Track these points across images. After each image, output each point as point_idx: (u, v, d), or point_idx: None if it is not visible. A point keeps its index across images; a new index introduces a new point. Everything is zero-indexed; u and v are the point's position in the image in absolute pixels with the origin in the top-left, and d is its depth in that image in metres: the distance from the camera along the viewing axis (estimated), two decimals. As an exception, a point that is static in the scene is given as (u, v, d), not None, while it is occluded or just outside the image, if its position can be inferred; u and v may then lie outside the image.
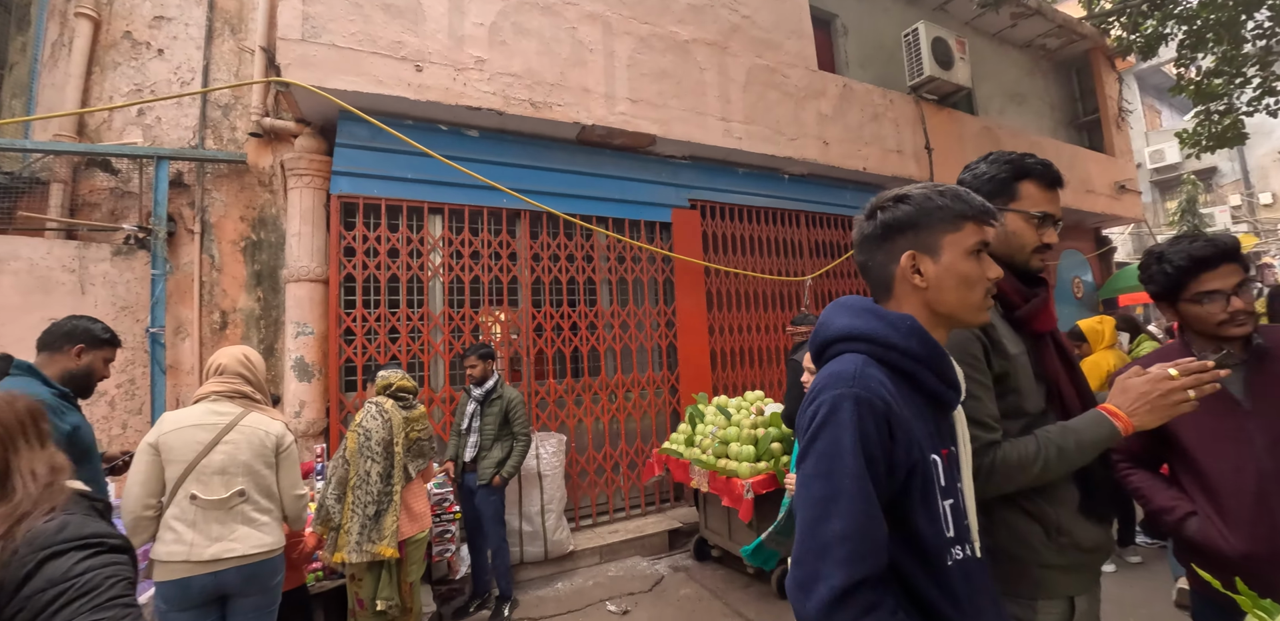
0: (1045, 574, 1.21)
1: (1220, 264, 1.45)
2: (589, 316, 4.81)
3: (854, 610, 0.78)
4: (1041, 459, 1.14)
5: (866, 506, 0.81)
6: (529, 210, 4.60)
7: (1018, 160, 1.35)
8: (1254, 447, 1.40)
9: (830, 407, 0.86)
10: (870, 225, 1.01)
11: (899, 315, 0.95)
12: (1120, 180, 9.16)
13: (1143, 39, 8.30)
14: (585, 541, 4.38)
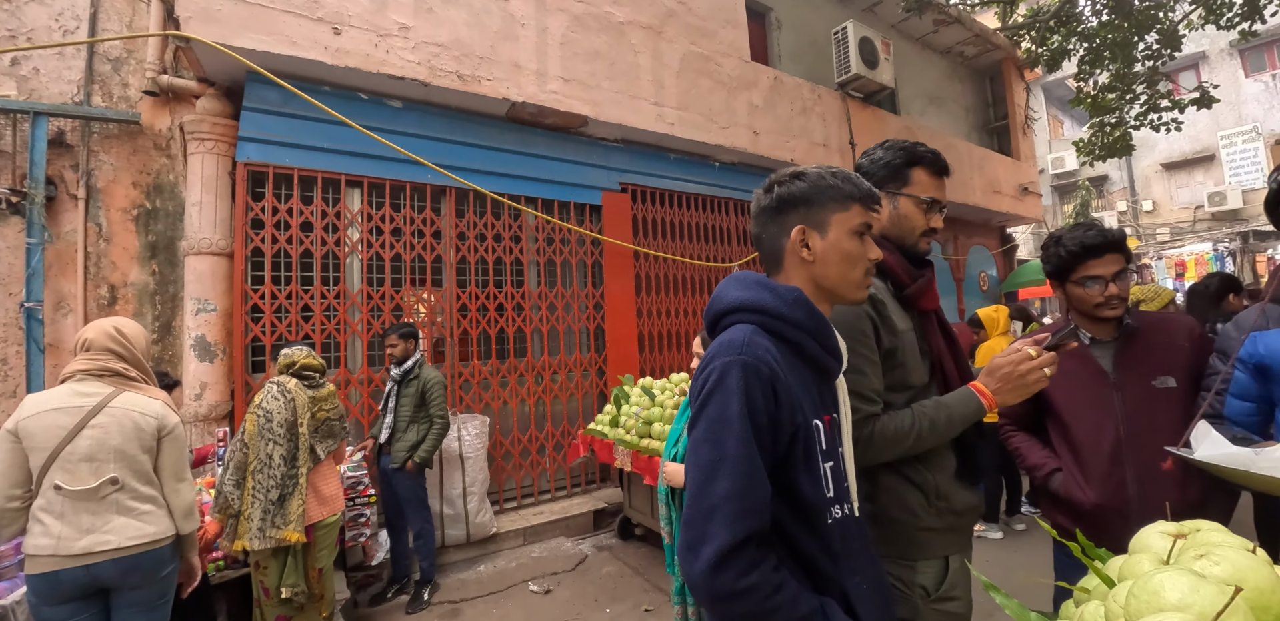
0: (924, 536, 1.31)
1: (1105, 253, 1.60)
2: (516, 297, 4.74)
3: (739, 567, 0.81)
4: (915, 431, 1.23)
5: (751, 468, 0.84)
6: (455, 187, 4.47)
7: (910, 148, 1.42)
8: (1115, 414, 1.58)
9: (719, 375, 0.90)
10: (767, 198, 1.06)
11: (787, 287, 1.00)
12: (1023, 183, 9.86)
13: (1048, 53, 8.94)
14: (509, 523, 4.35)
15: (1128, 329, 1.64)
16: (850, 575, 0.94)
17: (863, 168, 1.45)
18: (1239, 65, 16.07)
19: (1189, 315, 2.55)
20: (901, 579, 1.29)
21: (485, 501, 4.14)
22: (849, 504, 0.99)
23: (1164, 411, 1.55)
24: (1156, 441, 1.52)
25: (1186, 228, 17.27)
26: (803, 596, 0.85)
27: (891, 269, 1.37)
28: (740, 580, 0.80)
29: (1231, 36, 8.21)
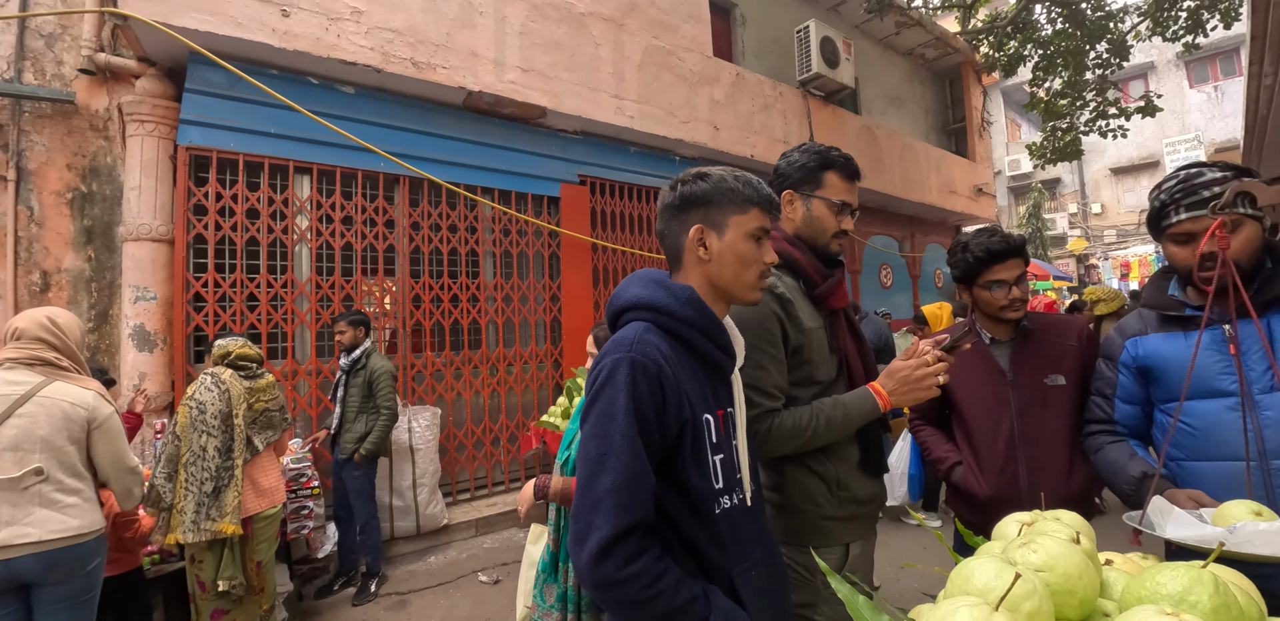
0: (826, 525, 1.37)
1: (1009, 258, 1.68)
2: (471, 288, 4.71)
3: (621, 557, 0.84)
4: (812, 427, 1.28)
5: (634, 461, 0.87)
6: (409, 176, 4.40)
7: (825, 152, 1.46)
8: (1010, 410, 1.68)
9: (609, 371, 0.92)
10: (671, 196, 1.07)
11: (680, 286, 1.03)
12: (978, 184, 10.15)
13: (1005, 58, 9.19)
14: (461, 515, 4.34)
15: (1024, 330, 1.73)
16: (738, 561, 0.99)
17: (780, 170, 1.49)
18: (1184, 76, 16.77)
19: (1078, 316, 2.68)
20: (804, 565, 1.35)
21: (436, 493, 4.13)
22: (740, 493, 1.03)
23: (1054, 407, 1.66)
24: (1047, 435, 1.64)
25: (1132, 230, 18.02)
26: (685, 584, 0.88)
27: (803, 268, 1.41)
28: (623, 569, 0.83)
29: (1177, 48, 8.55)
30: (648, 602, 0.84)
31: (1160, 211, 1.29)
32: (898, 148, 8.46)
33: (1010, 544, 0.69)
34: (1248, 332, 1.23)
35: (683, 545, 0.96)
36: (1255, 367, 1.21)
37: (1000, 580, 0.56)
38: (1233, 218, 1.20)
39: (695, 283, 1.07)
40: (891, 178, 8.23)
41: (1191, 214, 1.23)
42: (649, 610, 0.85)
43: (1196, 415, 1.27)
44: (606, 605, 0.88)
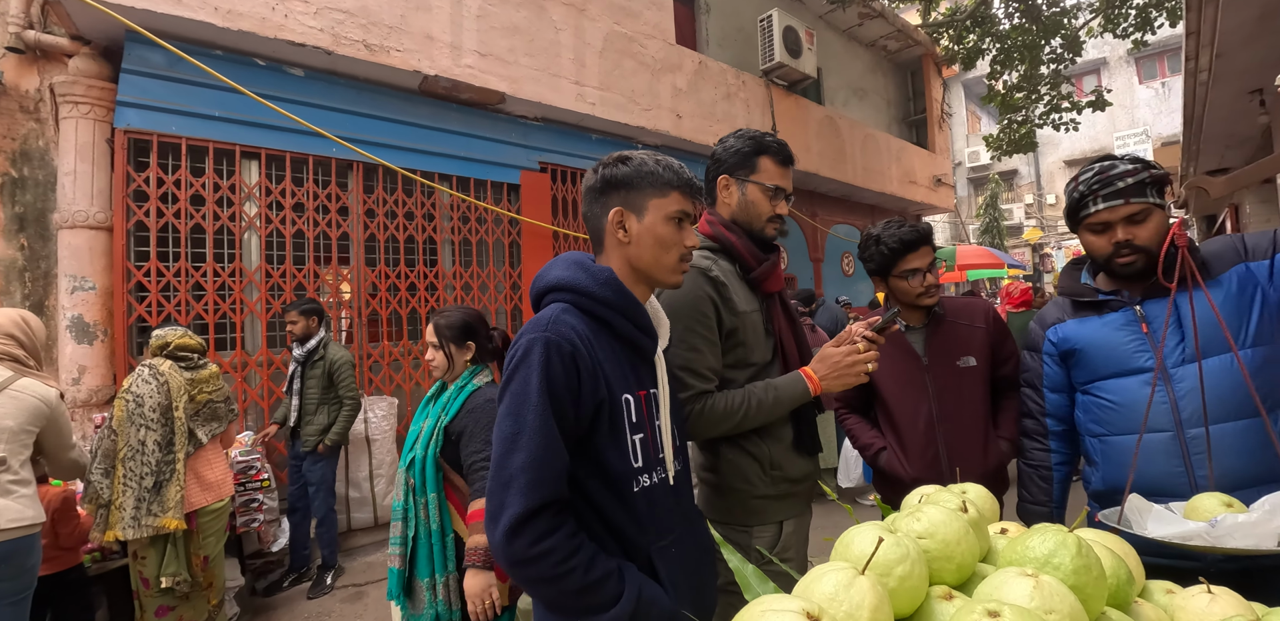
0: (760, 503, 1.40)
1: (920, 246, 1.73)
2: (429, 277, 4.64)
3: (533, 534, 0.85)
4: (743, 410, 1.31)
5: (547, 440, 0.88)
6: (363, 162, 4.30)
7: (759, 137, 1.47)
8: (928, 394, 1.74)
9: (524, 351, 0.93)
10: (594, 179, 1.08)
11: (600, 268, 1.04)
12: (937, 174, 10.36)
13: (965, 51, 9.37)
14: None
15: (936, 315, 1.79)
16: (657, 538, 1.01)
17: (716, 155, 1.49)
18: (1134, 72, 17.33)
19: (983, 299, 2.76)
20: (739, 544, 1.39)
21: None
22: (662, 472, 1.05)
23: (967, 388, 1.73)
24: (962, 416, 1.71)
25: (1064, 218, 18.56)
26: (599, 559, 0.90)
27: (739, 252, 1.43)
28: (534, 546, 0.85)
29: (1128, 45, 8.81)
30: (560, 578, 0.86)
31: (1079, 202, 1.34)
32: (860, 138, 8.57)
33: (900, 514, 0.73)
34: (1156, 312, 1.29)
35: (600, 522, 0.97)
36: (1168, 343, 1.27)
37: (873, 545, 0.59)
38: (1143, 207, 1.26)
39: (616, 265, 1.07)
40: (854, 167, 8.35)
41: (1108, 204, 1.28)
42: (562, 586, 0.87)
43: (1116, 391, 1.33)
44: (521, 581, 0.89)
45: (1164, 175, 1.27)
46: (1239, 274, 1.25)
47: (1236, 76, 4.22)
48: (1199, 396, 1.19)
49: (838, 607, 0.53)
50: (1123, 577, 0.67)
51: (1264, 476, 1.16)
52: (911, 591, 0.59)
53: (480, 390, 1.83)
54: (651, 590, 0.93)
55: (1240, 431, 1.20)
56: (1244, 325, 1.23)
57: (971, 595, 0.63)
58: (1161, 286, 1.27)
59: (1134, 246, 1.27)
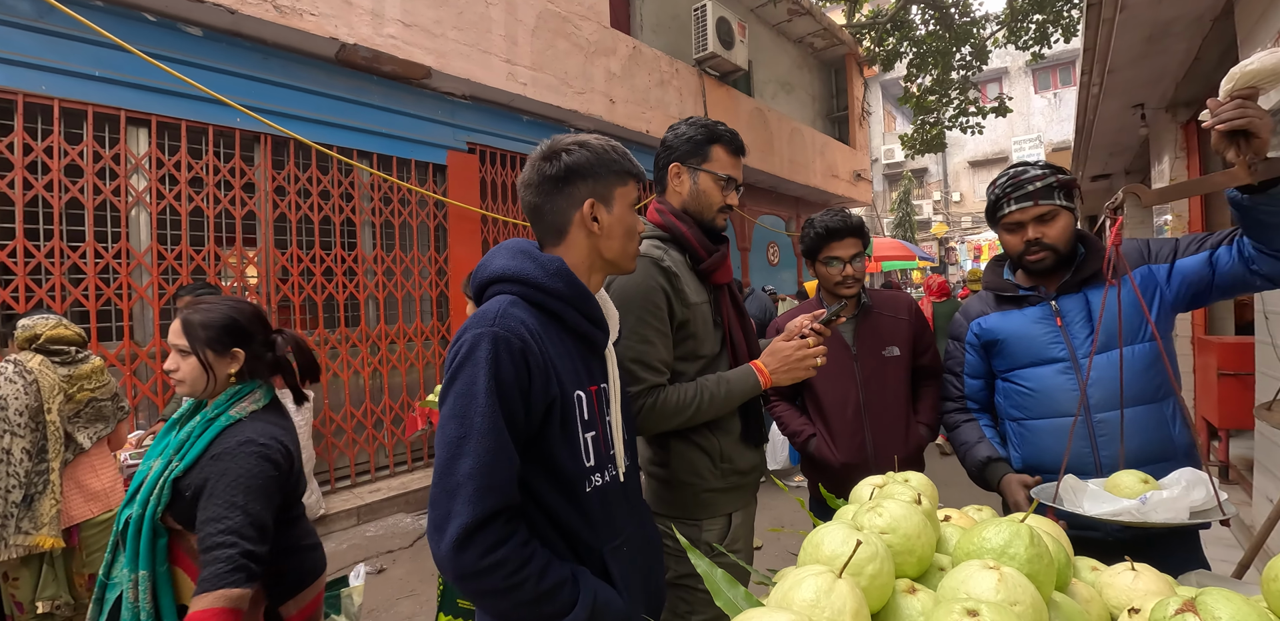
0: (709, 496, 1.40)
1: (846, 236, 1.81)
2: (347, 261, 4.36)
3: (484, 545, 0.80)
4: (696, 403, 1.30)
5: (497, 444, 0.83)
6: (271, 134, 3.96)
7: (712, 126, 1.45)
8: (856, 382, 1.82)
9: (469, 347, 0.87)
10: (552, 167, 1.00)
11: (549, 257, 0.98)
12: (857, 169, 10.82)
13: (884, 53, 9.80)
14: (341, 503, 4.10)
15: (864, 306, 1.88)
16: (609, 539, 0.98)
17: (667, 142, 1.46)
18: (1031, 83, 18.80)
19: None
20: (688, 537, 1.38)
21: (312, 482, 3.86)
22: (613, 470, 1.02)
23: (892, 376, 1.83)
24: (887, 403, 1.81)
25: (984, 217, 20.05)
26: (552, 567, 0.86)
27: (689, 242, 1.40)
28: (485, 557, 0.80)
29: (1027, 57, 9.51)
30: (513, 589, 0.82)
31: (995, 203, 1.43)
32: (787, 131, 8.79)
33: (860, 508, 0.74)
34: (1070, 306, 1.39)
35: (551, 525, 0.93)
36: (1078, 335, 1.37)
37: (846, 546, 0.59)
38: (1050, 208, 1.36)
39: (579, 256, 1.02)
40: (780, 160, 8.56)
41: (1019, 205, 1.37)
42: (515, 597, 0.82)
43: (1033, 379, 1.42)
44: (470, 595, 0.84)
45: (1070, 180, 1.37)
46: (1142, 274, 1.36)
47: (1123, 91, 4.63)
48: (1103, 384, 1.31)
49: (821, 614, 0.52)
50: (1062, 561, 0.71)
51: (1156, 455, 1.30)
52: (881, 588, 0.60)
53: (237, 426, 1.33)
54: (606, 594, 0.91)
55: (1134, 416, 1.30)
56: (1144, 322, 1.33)
57: (931, 586, 0.64)
58: (1075, 282, 1.39)
59: (1043, 244, 1.37)
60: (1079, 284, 1.39)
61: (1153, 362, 1.32)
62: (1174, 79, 4.35)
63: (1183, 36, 3.61)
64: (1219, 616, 0.53)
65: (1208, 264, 1.29)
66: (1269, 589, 0.61)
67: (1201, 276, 1.30)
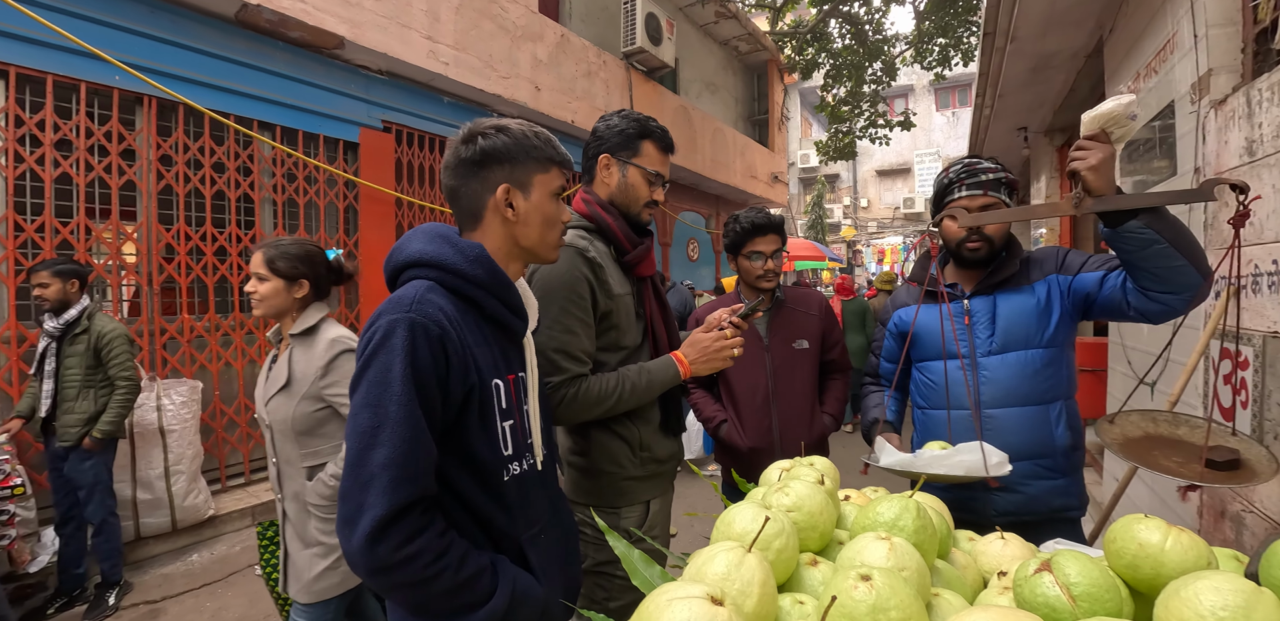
0: (628, 485, 1.42)
1: (768, 233, 1.93)
2: (244, 240, 4.04)
3: (399, 537, 0.78)
4: (618, 393, 1.31)
5: (413, 433, 0.81)
6: (158, 96, 3.59)
7: (644, 121, 1.46)
8: (766, 372, 1.93)
9: (384, 333, 0.84)
10: (468, 150, 0.98)
11: (469, 243, 0.96)
12: (775, 172, 11.24)
13: (803, 62, 10.24)
14: (234, 503, 3.80)
15: (778, 301, 1.99)
16: (526, 527, 0.98)
17: (598, 132, 1.46)
18: (933, 101, 20.30)
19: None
20: (608, 525, 1.41)
21: (199, 480, 3.55)
22: (530, 458, 1.03)
23: (800, 367, 1.95)
24: (794, 393, 1.93)
25: (888, 223, 21.48)
26: (470, 557, 0.85)
27: (615, 234, 1.41)
28: (400, 550, 0.78)
29: (930, 77, 10.23)
30: (431, 581, 0.80)
31: (946, 188, 1.48)
32: (710, 130, 8.99)
33: (769, 489, 0.78)
34: (979, 307, 1.47)
35: (468, 515, 0.92)
36: (980, 335, 1.45)
37: (755, 523, 0.63)
38: (996, 201, 1.41)
39: (496, 242, 1.01)
40: (703, 158, 8.75)
41: (969, 192, 1.42)
42: (432, 588, 0.81)
43: (936, 372, 1.51)
44: (383, 589, 0.82)
45: (1015, 180, 1.45)
46: (1050, 283, 1.43)
47: (1011, 114, 5.09)
48: (996, 383, 1.41)
49: (731, 585, 0.56)
50: (944, 532, 0.79)
51: (1035, 452, 1.39)
52: (787, 562, 0.64)
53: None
54: (524, 581, 0.91)
55: (1020, 415, 1.40)
56: (1044, 328, 1.41)
57: (831, 559, 0.70)
58: (988, 285, 1.47)
59: (983, 234, 1.43)
60: (991, 287, 1.47)
61: (1044, 367, 1.40)
62: (1052, 107, 4.84)
63: (1061, 69, 4.02)
64: (1068, 572, 0.62)
65: (1098, 284, 1.36)
66: (1108, 549, 0.71)
67: (1089, 294, 1.37)
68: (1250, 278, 1.81)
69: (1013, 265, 1.46)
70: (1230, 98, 1.91)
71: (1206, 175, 2.08)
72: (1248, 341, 1.82)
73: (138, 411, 3.25)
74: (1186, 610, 0.53)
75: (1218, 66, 2.02)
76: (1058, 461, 1.41)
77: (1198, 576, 0.56)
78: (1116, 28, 3.09)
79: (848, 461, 4.79)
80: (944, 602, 0.65)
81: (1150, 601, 0.60)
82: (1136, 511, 0.75)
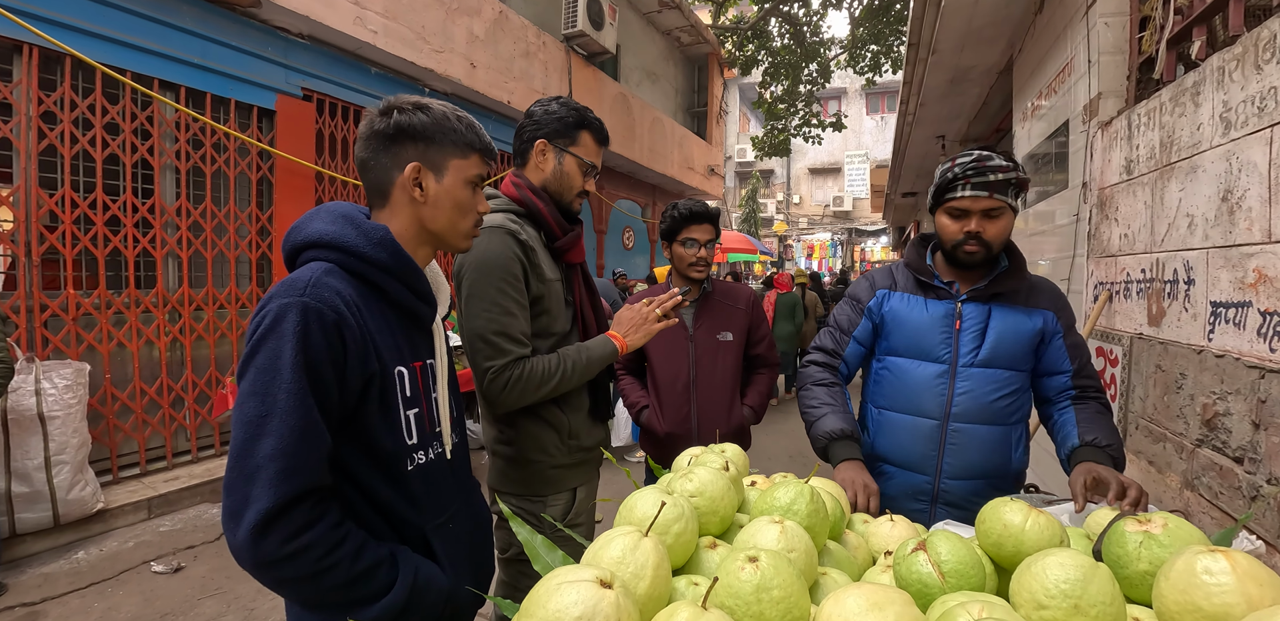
0: (556, 473, 1.43)
1: (703, 221, 1.98)
2: (140, 210, 3.70)
3: (287, 530, 0.75)
4: (560, 372, 1.30)
5: (303, 422, 0.78)
6: (40, 45, 3.23)
7: (582, 111, 1.45)
8: (689, 360, 2.00)
9: (274, 318, 0.80)
10: (383, 123, 0.94)
11: (373, 225, 0.92)
12: (711, 164, 11.41)
13: (743, 58, 10.42)
14: (127, 495, 3.52)
15: (705, 292, 2.06)
16: (435, 516, 0.97)
17: (535, 115, 1.44)
18: (864, 104, 21.16)
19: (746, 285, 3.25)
20: (532, 513, 1.41)
21: (86, 471, 3.25)
22: (439, 447, 1.00)
23: (722, 359, 2.01)
24: (715, 382, 2.00)
25: (818, 220, 22.26)
26: (367, 548, 0.84)
27: (546, 220, 1.41)
28: (288, 543, 0.75)
29: (862, 81, 10.64)
30: (323, 574, 0.78)
31: (949, 184, 1.32)
32: (649, 120, 8.99)
33: (675, 475, 0.81)
34: (971, 313, 1.38)
35: (369, 505, 0.90)
36: (967, 344, 1.36)
37: (655, 509, 0.66)
38: (1001, 204, 1.29)
39: (402, 223, 0.97)
40: (641, 147, 8.75)
41: (974, 193, 1.28)
42: (324, 582, 0.78)
43: (909, 374, 1.41)
44: (271, 583, 0.79)
45: (1026, 180, 1.32)
46: (1045, 316, 1.38)
47: (931, 122, 5.38)
48: (971, 396, 1.35)
49: (625, 569, 0.58)
50: (838, 515, 0.84)
51: (991, 472, 1.38)
52: (685, 545, 0.68)
53: None
54: (428, 571, 0.90)
55: (987, 433, 1.36)
56: (1030, 353, 1.37)
57: (731, 542, 0.74)
58: (986, 293, 1.36)
59: (981, 239, 1.31)
60: (990, 296, 1.37)
61: (1019, 390, 1.37)
62: (967, 118, 5.15)
63: (977, 82, 4.28)
64: (940, 551, 0.68)
65: (1047, 371, 1.38)
66: (979, 529, 0.79)
67: (1037, 369, 1.39)
68: (1122, 284, 2.01)
69: (1018, 278, 1.37)
70: (1115, 120, 2.11)
71: (1093, 189, 2.28)
72: (1118, 341, 2.02)
73: (12, 396, 2.96)
74: (1035, 583, 0.60)
75: (1106, 91, 2.21)
76: (1008, 484, 1.40)
77: (1047, 553, 0.63)
78: (1024, 48, 3.32)
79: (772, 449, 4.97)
80: (830, 581, 0.70)
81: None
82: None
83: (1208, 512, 1.44)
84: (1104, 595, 0.57)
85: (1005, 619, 0.52)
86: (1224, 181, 1.41)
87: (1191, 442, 1.54)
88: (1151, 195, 1.80)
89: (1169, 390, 1.66)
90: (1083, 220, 2.37)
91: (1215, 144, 1.45)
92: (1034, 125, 3.16)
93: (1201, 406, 1.49)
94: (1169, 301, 1.67)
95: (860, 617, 0.52)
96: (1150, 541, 0.65)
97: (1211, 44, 1.65)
